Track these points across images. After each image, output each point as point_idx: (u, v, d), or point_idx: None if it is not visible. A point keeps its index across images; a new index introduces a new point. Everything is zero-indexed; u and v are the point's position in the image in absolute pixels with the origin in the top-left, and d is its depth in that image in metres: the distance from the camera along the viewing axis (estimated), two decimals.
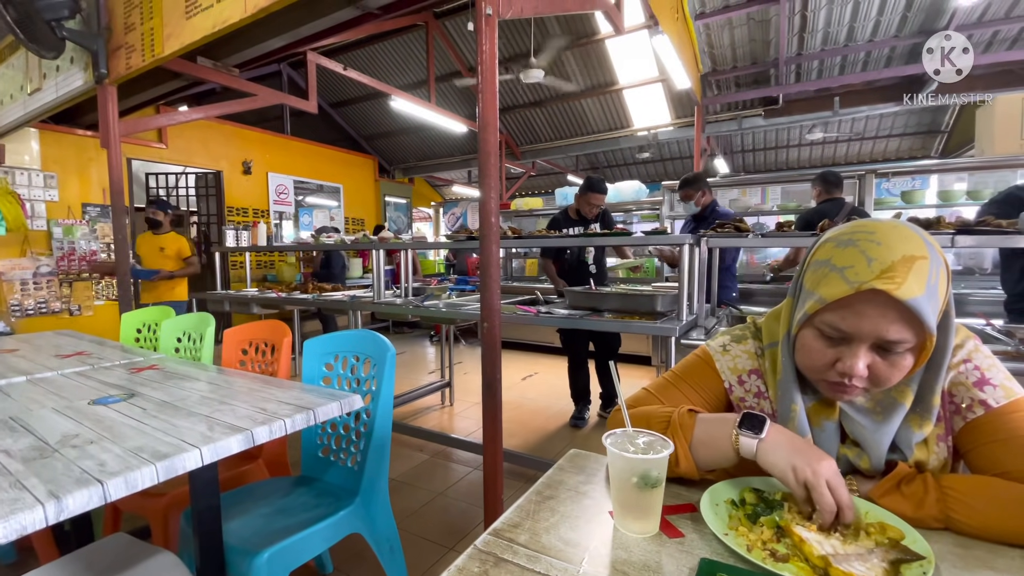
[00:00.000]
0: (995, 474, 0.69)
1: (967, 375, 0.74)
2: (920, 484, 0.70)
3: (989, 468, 0.70)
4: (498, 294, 1.58)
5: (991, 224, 1.94)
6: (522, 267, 6.94)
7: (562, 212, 3.63)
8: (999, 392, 0.71)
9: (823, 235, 0.76)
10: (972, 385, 0.73)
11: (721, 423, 0.75)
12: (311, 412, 1.27)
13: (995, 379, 0.72)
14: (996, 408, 0.71)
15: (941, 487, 0.68)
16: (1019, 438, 0.68)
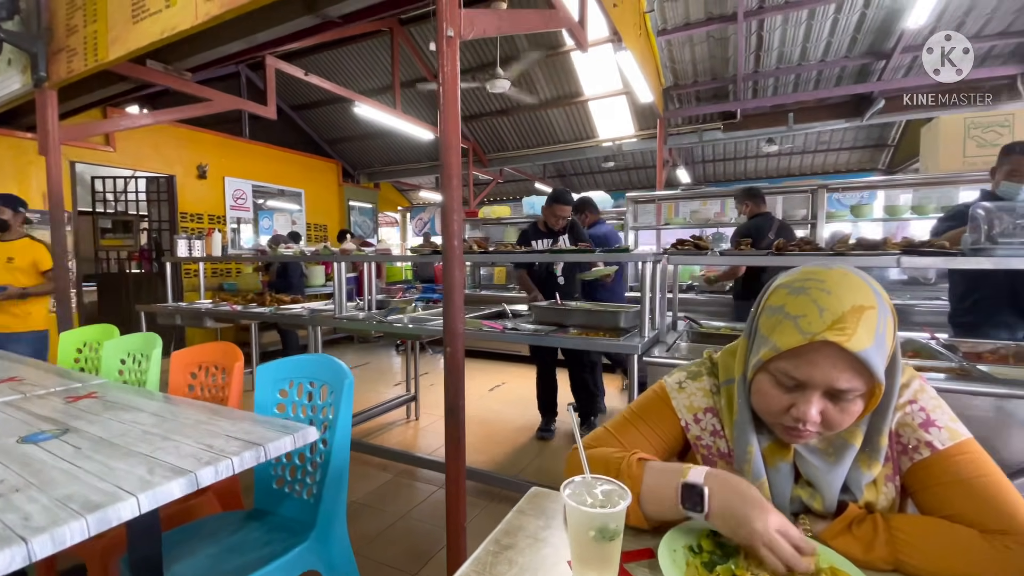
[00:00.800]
0: (942, 516, 0.71)
1: (913, 416, 0.76)
2: (870, 526, 0.71)
3: (936, 510, 0.72)
4: (461, 318, 1.55)
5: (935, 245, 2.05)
6: (490, 275, 6.92)
7: (532, 224, 3.63)
8: (944, 434, 0.74)
9: (775, 280, 0.78)
10: (918, 426, 0.75)
11: (666, 484, 0.74)
12: (261, 448, 1.21)
13: (940, 420, 0.75)
14: (941, 450, 0.73)
15: (890, 529, 0.70)
16: (963, 482, 0.71)
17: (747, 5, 4.69)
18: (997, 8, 4.43)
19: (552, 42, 6.01)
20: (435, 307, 3.35)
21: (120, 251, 6.53)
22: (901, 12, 4.56)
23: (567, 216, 3.42)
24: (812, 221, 4.30)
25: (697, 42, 5.38)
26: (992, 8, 4.44)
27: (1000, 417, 1.61)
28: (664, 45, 5.42)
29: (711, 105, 6.38)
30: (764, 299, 0.78)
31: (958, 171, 3.90)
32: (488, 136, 8.26)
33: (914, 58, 5.28)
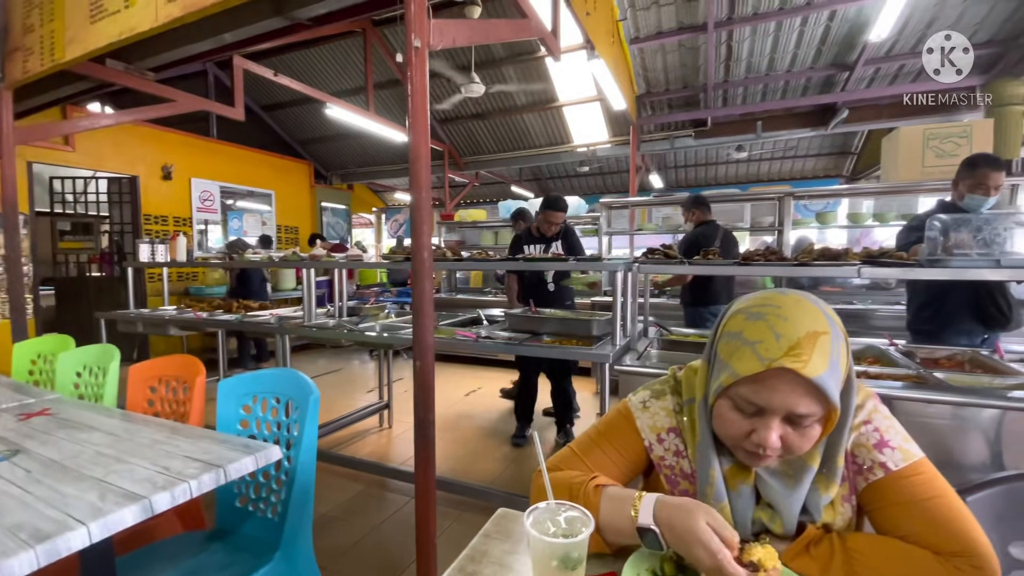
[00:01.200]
0: (897, 536, 0.73)
1: (867, 436, 0.78)
2: (827, 546, 0.73)
3: (891, 530, 0.74)
4: (431, 330, 1.53)
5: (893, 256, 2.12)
6: (466, 278, 6.88)
7: (525, 230, 3.62)
8: (897, 455, 0.76)
9: (733, 305, 0.80)
10: (872, 447, 0.77)
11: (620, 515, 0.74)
12: (221, 470, 1.18)
13: (893, 441, 0.77)
14: (895, 471, 0.75)
15: (847, 550, 0.72)
16: (917, 503, 0.73)
17: (717, 16, 4.79)
18: (957, 22, 4.63)
19: (527, 47, 6.03)
20: (409, 313, 3.32)
21: (80, 254, 6.27)
22: (864, 25, 4.73)
23: (560, 223, 3.41)
24: (779, 228, 4.41)
25: (669, 51, 5.47)
26: (953, 22, 4.63)
27: (955, 424, 1.68)
28: (637, 53, 5.49)
29: (682, 113, 6.49)
30: (722, 324, 0.79)
31: (917, 180, 4.04)
32: (464, 139, 8.23)
33: (876, 70, 5.48)
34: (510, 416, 3.93)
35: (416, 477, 1.52)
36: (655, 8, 4.82)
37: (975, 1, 4.39)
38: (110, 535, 0.98)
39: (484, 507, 2.52)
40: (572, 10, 3.07)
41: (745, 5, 4.70)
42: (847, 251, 2.21)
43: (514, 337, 2.61)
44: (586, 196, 8.94)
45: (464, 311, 4.27)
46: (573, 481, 0.83)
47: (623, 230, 5.72)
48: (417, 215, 1.48)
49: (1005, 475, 0.90)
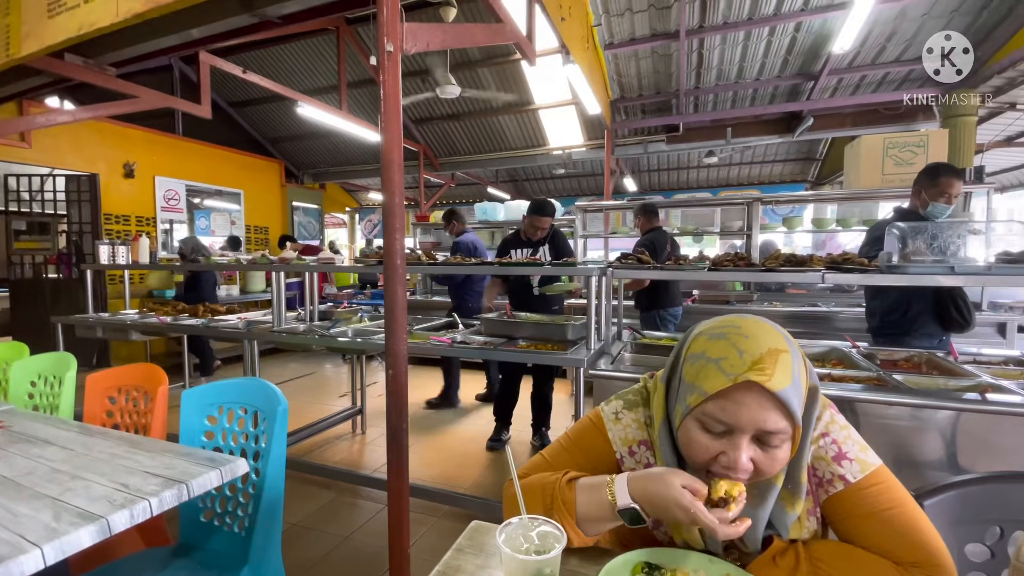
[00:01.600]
0: (859, 547, 0.75)
1: (826, 449, 0.80)
2: (793, 556, 0.75)
3: (853, 540, 0.77)
4: (404, 338, 1.51)
5: (855, 262, 2.20)
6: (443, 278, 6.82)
7: (514, 233, 3.60)
8: (855, 466, 0.78)
9: (695, 328, 0.81)
10: (831, 459, 0.79)
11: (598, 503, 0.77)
12: (184, 486, 1.14)
13: (851, 452, 0.79)
14: (853, 483, 0.77)
15: (812, 558, 0.74)
16: (876, 514, 0.75)
17: (688, 24, 4.88)
18: (915, 36, 4.83)
19: (503, 50, 6.03)
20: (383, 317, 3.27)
21: (36, 255, 5.98)
22: (828, 37, 4.89)
23: (546, 227, 3.40)
24: (748, 232, 4.52)
25: (642, 57, 5.55)
26: (911, 35, 4.83)
27: (914, 425, 1.75)
28: (611, 59, 5.55)
29: (655, 118, 6.60)
30: (685, 348, 0.80)
31: (877, 187, 4.20)
32: (439, 140, 8.18)
33: (839, 80, 5.67)
34: (486, 420, 3.91)
35: (389, 487, 1.50)
36: (629, 15, 4.88)
37: (931, 17, 4.59)
38: (65, 557, 0.94)
39: (459, 513, 2.50)
40: (547, 15, 3.08)
41: (716, 14, 4.80)
42: (812, 257, 2.28)
43: (489, 342, 2.60)
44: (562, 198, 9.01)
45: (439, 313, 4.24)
46: (545, 482, 0.83)
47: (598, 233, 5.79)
48: (389, 221, 1.46)
49: (959, 480, 0.94)
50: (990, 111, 5.58)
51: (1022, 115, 5.68)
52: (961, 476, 0.95)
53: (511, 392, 3.49)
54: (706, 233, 5.09)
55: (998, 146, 6.42)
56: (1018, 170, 7.78)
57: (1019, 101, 5.33)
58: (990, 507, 0.92)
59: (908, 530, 0.73)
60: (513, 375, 3.48)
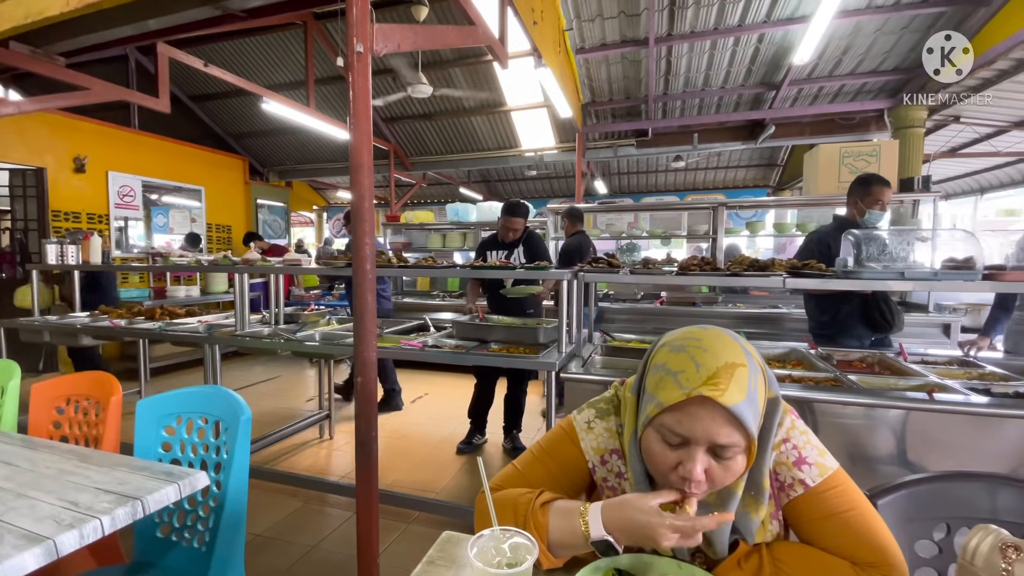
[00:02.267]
0: (819, 548, 0.78)
1: (787, 455, 0.83)
2: (756, 560, 0.77)
3: (813, 542, 0.80)
4: (374, 345, 1.48)
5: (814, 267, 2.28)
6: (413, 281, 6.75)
7: (491, 234, 3.58)
8: (814, 471, 0.81)
9: (662, 339, 0.83)
10: (792, 464, 0.82)
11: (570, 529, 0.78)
12: (138, 503, 1.08)
13: (810, 457, 0.82)
14: (812, 487, 0.80)
15: (775, 561, 0.77)
16: (834, 517, 0.78)
17: (657, 31, 4.97)
18: (869, 50, 5.06)
19: (476, 51, 6.00)
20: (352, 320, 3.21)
21: None
22: (789, 49, 5.07)
23: (519, 228, 3.38)
24: (713, 236, 4.65)
25: (612, 62, 5.63)
26: (865, 49, 5.06)
27: (868, 423, 1.83)
28: (582, 63, 5.61)
29: (625, 123, 6.70)
30: (650, 358, 0.82)
31: (833, 194, 4.38)
32: (410, 139, 8.09)
33: (799, 90, 5.89)
34: (458, 423, 3.89)
35: (357, 497, 1.47)
36: (600, 20, 4.94)
37: (883, 33, 4.82)
38: None
39: (431, 519, 2.48)
40: (519, 19, 3.09)
41: (683, 23, 4.91)
42: (774, 261, 2.36)
43: (461, 345, 2.59)
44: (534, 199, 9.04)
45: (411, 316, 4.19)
46: (519, 500, 0.83)
47: None
48: (359, 225, 1.43)
49: (909, 479, 0.98)
50: (936, 123, 5.89)
51: (966, 127, 6.03)
52: (911, 476, 0.99)
53: (487, 395, 3.47)
54: (674, 236, 5.21)
55: (943, 156, 6.79)
56: (962, 179, 8.25)
57: (963, 114, 5.65)
58: (938, 505, 0.97)
59: (864, 531, 0.76)
60: (488, 378, 3.46)
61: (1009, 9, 3.99)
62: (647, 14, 4.73)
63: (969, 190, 8.54)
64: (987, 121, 5.76)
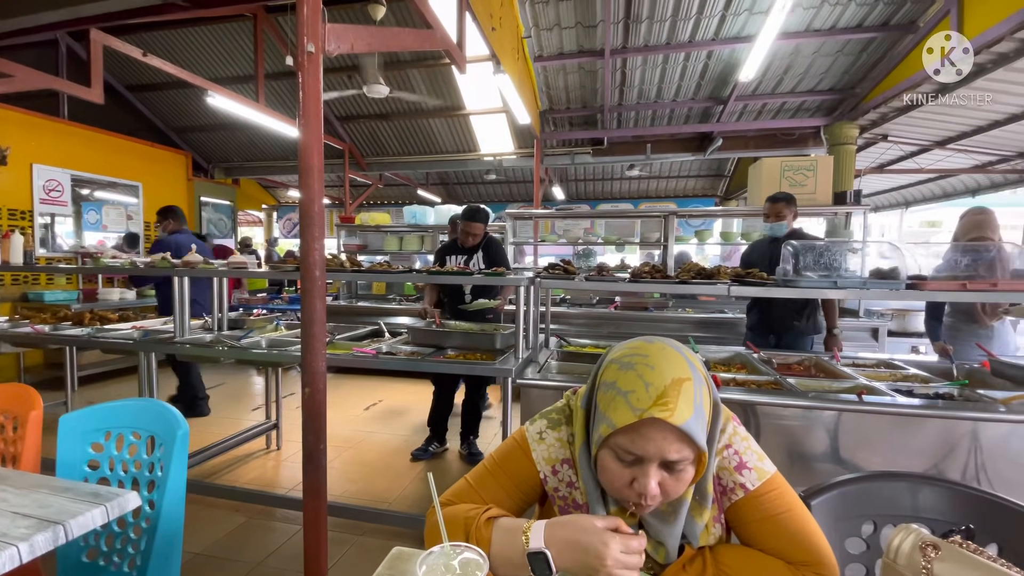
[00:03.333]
0: (757, 549, 0.82)
1: (729, 460, 0.86)
2: (700, 563, 0.80)
3: (752, 544, 0.84)
4: (323, 354, 1.44)
5: (756, 276, 2.39)
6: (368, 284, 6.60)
7: (452, 239, 3.53)
8: (753, 475, 0.85)
9: (607, 355, 0.85)
10: (733, 469, 0.86)
11: (511, 546, 0.77)
12: (60, 528, 1.00)
13: (750, 461, 0.86)
14: (752, 491, 0.84)
15: (717, 563, 0.81)
16: (771, 519, 0.82)
17: (612, 43, 5.10)
18: (807, 70, 5.38)
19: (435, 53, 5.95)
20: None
21: None
22: (736, 66, 5.31)
23: (478, 234, 3.36)
24: (664, 243, 4.80)
25: (570, 71, 5.72)
26: (804, 69, 5.37)
27: (804, 424, 1.93)
28: (541, 71, 5.67)
29: (582, 131, 6.83)
30: (600, 374, 0.84)
31: None
32: (366, 139, 7.92)
33: (744, 106, 6.19)
34: (413, 430, 3.83)
35: (305, 512, 1.41)
36: (557, 30, 5.01)
37: (820, 55, 5.14)
38: None
39: (384, 531, 2.42)
40: (478, 24, 3.09)
41: (637, 37, 5.06)
42: (719, 269, 2.46)
43: (417, 351, 2.55)
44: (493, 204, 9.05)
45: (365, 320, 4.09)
46: (468, 515, 0.83)
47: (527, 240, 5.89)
48: (308, 230, 1.39)
49: (839, 480, 1.05)
50: (867, 141, 6.33)
51: (893, 146, 6.50)
52: (842, 477, 1.06)
53: (444, 402, 3.42)
54: (627, 243, 5.35)
55: (872, 172, 7.31)
56: (889, 193, 8.91)
57: (890, 133, 6.10)
58: (865, 504, 1.04)
59: (797, 532, 0.81)
60: (446, 384, 3.42)
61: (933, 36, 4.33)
62: (603, 26, 4.84)
63: (895, 203, 9.23)
64: (912, 140, 6.24)
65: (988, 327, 2.64)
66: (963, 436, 1.78)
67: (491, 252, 3.41)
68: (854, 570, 1.01)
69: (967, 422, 1.77)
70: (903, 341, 4.29)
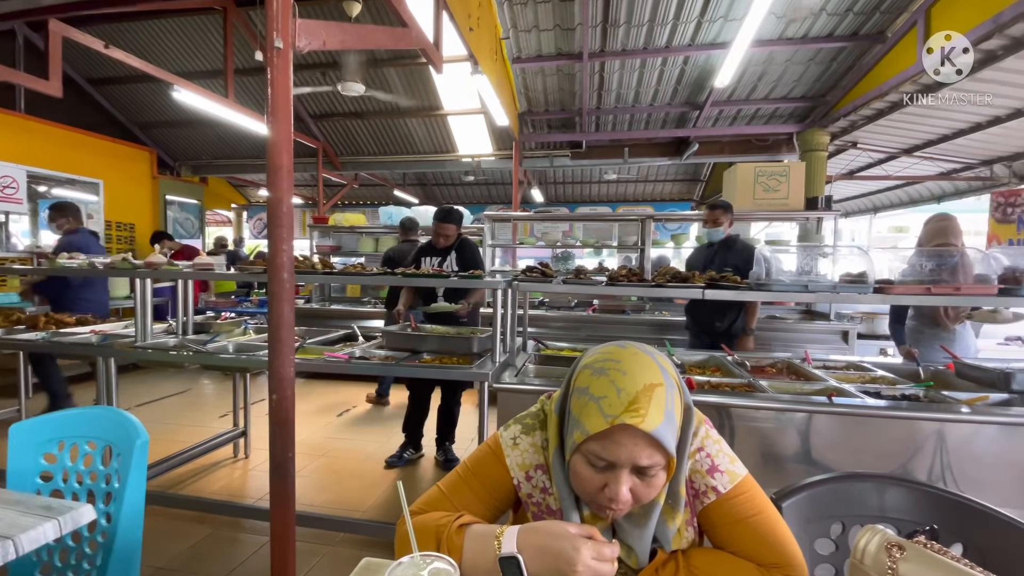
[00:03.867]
0: (729, 552, 0.84)
1: (701, 463, 0.88)
2: (673, 566, 0.81)
3: (724, 546, 0.85)
4: (291, 359, 1.41)
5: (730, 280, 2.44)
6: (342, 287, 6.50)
7: (429, 240, 3.49)
8: (725, 478, 0.86)
9: (581, 360, 0.86)
10: (705, 472, 0.87)
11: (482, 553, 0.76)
12: (10, 543, 0.96)
13: (722, 464, 0.87)
14: (724, 494, 0.85)
15: (689, 567, 0.82)
16: (742, 522, 0.84)
17: (591, 47, 5.16)
18: (780, 77, 5.54)
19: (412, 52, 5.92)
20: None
21: None
22: (711, 72, 5.43)
23: (451, 235, 3.34)
24: (641, 247, 4.86)
25: (548, 74, 5.76)
26: (777, 77, 5.53)
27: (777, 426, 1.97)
28: (519, 72, 5.69)
29: (561, 134, 6.88)
30: (573, 379, 0.84)
31: (750, 209, 4.74)
32: (341, 137, 7.82)
33: (720, 111, 6.32)
34: (387, 436, 3.78)
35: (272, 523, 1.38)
36: (536, 32, 5.04)
37: (793, 63, 5.29)
38: None
39: (357, 541, 2.37)
40: (455, 24, 3.08)
41: (615, 41, 5.12)
42: (694, 274, 2.50)
43: (392, 356, 2.52)
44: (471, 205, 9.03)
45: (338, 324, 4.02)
46: (439, 523, 0.82)
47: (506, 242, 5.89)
48: (276, 231, 1.36)
49: (809, 481, 1.07)
50: (837, 148, 6.54)
51: (862, 153, 6.74)
52: (811, 478, 1.08)
53: (420, 407, 3.38)
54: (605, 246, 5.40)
55: (843, 178, 7.55)
56: (859, 199, 9.21)
57: (859, 140, 6.31)
58: (834, 505, 1.06)
59: (768, 534, 0.82)
60: (421, 389, 3.38)
61: (901, 47, 4.52)
62: (581, 29, 4.89)
63: (865, 209, 9.55)
64: (880, 148, 6.47)
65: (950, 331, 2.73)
66: (929, 437, 1.84)
67: (464, 254, 3.38)
68: (824, 570, 1.03)
69: (933, 423, 1.84)
70: (872, 343, 4.44)
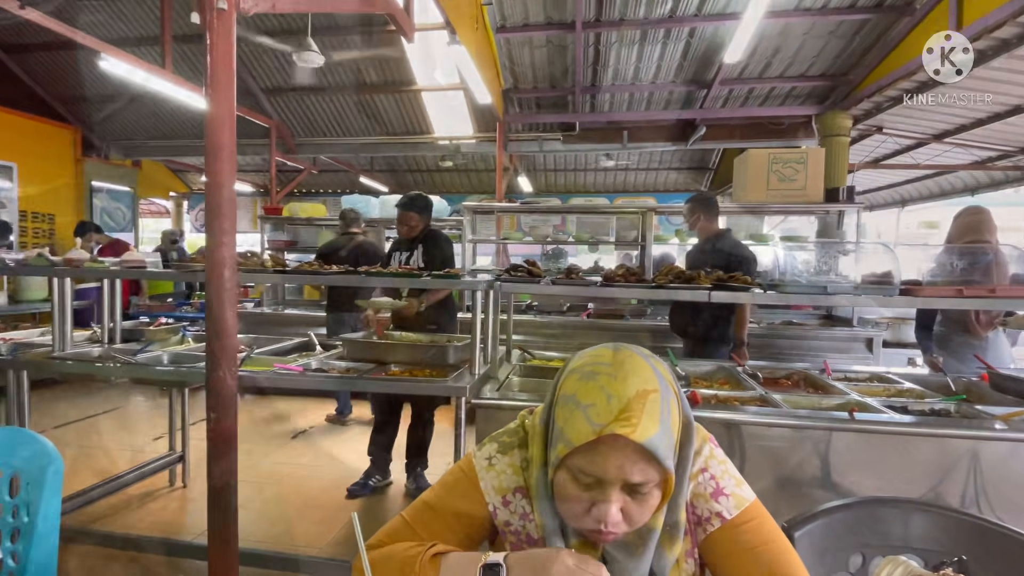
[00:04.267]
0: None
1: (705, 486, 0.88)
2: None
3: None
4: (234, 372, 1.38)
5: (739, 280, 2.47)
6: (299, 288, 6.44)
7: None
8: (731, 502, 0.87)
9: (569, 364, 0.85)
10: (709, 496, 0.87)
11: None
12: None
13: (727, 488, 0.88)
14: (729, 520, 0.86)
15: None
16: (750, 551, 0.84)
17: (585, 15, 5.18)
18: (797, 53, 5.62)
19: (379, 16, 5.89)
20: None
21: None
22: (720, 46, 5.49)
23: (413, 225, 3.33)
24: (642, 243, 4.89)
25: (537, 46, 5.78)
26: (794, 52, 5.61)
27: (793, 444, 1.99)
28: (503, 43, 5.70)
29: (551, 114, 6.90)
30: (559, 386, 0.83)
31: (762, 201, 4.80)
32: (297, 116, 7.75)
33: (730, 91, 6.40)
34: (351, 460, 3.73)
35: (210, 564, 1.35)
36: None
37: (811, 36, 5.38)
38: None
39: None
40: None
41: (612, 9, 5.16)
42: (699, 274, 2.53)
43: (354, 368, 2.49)
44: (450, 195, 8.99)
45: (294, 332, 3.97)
46: (407, 555, 0.81)
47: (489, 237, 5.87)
48: (215, 222, 1.33)
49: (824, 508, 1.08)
50: (860, 133, 6.65)
51: (887, 139, 6.86)
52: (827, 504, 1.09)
53: (388, 427, 3.35)
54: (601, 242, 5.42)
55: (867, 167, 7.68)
56: (885, 190, 9.38)
57: (885, 125, 6.43)
58: (853, 533, 1.08)
59: (778, 565, 0.83)
60: (388, 406, 3.35)
61: (931, 19, 4.58)
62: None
63: (891, 202, 9.74)
64: (908, 133, 6.60)
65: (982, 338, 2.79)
66: (961, 456, 1.87)
67: (429, 248, 3.35)
68: None
69: (965, 441, 1.86)
70: (899, 352, 4.51)
